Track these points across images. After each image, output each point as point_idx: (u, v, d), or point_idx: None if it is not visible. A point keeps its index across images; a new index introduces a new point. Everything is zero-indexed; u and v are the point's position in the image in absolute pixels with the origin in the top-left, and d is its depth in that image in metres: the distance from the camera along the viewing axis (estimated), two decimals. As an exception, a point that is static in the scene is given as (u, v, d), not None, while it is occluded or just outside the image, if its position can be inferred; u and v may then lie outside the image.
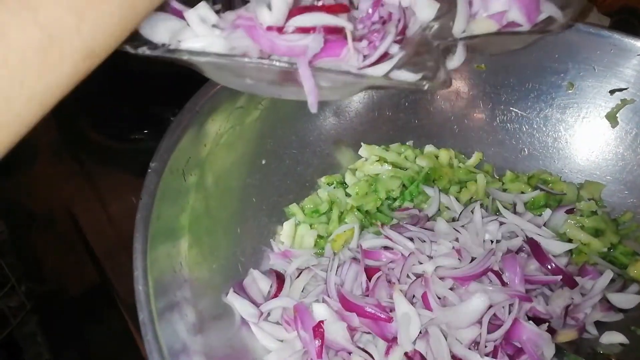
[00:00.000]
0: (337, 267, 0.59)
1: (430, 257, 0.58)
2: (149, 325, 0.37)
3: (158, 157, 0.48)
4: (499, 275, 0.56)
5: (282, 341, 0.55)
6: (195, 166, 0.55)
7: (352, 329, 0.53)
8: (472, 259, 0.58)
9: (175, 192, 0.50)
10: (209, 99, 0.56)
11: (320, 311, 0.53)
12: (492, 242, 0.60)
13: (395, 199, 0.73)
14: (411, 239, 0.60)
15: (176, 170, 0.50)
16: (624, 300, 0.62)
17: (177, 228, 0.50)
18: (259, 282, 0.60)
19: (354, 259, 0.60)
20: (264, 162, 0.68)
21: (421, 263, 0.57)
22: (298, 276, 0.61)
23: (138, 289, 0.39)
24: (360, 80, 0.38)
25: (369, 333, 0.54)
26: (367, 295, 0.56)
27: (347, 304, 0.53)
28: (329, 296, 0.56)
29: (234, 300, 0.56)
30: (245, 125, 0.63)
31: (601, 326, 0.60)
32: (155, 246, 0.44)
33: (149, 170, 0.47)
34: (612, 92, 0.73)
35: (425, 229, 0.64)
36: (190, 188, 0.53)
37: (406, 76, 0.39)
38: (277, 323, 0.57)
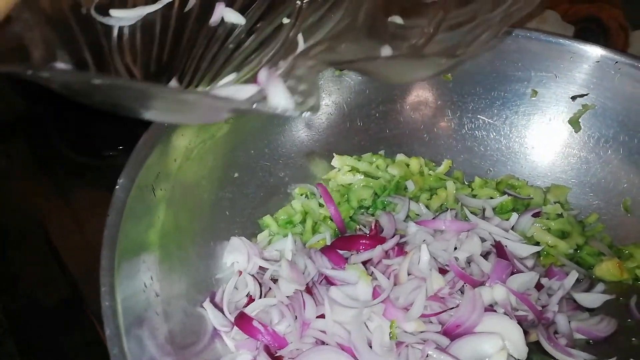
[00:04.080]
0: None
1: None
2: (116, 340, 0.38)
3: (125, 173, 0.48)
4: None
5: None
6: (165, 181, 0.55)
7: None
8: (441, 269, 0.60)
9: (145, 208, 0.51)
10: (177, 114, 0.57)
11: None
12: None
13: (367, 208, 0.74)
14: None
15: (145, 186, 0.51)
16: (590, 299, 0.64)
17: (147, 243, 0.50)
18: (232, 292, 0.60)
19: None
20: (236, 175, 0.68)
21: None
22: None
23: (105, 305, 0.39)
24: (226, 105, 0.37)
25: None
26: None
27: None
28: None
29: (208, 309, 0.57)
30: (216, 139, 0.64)
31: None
32: (124, 262, 0.44)
33: (116, 187, 0.47)
34: (573, 98, 0.75)
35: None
36: (160, 203, 0.54)
37: (277, 101, 0.37)
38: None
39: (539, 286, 0.61)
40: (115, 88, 0.35)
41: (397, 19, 0.52)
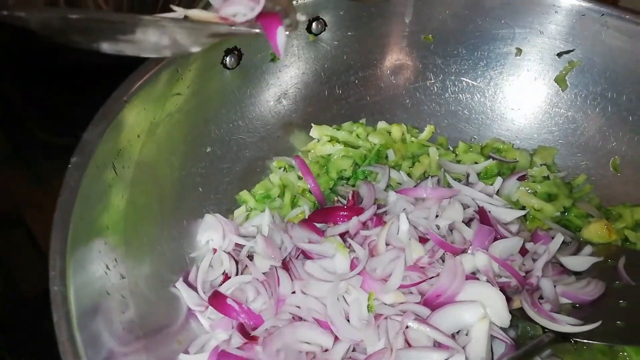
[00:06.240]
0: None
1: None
2: (64, 327, 0.36)
3: (79, 151, 0.46)
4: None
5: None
6: (128, 159, 0.53)
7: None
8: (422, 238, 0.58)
9: (104, 187, 0.48)
10: (138, 87, 0.54)
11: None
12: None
13: (348, 179, 0.72)
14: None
15: (103, 164, 0.48)
16: (577, 262, 0.62)
17: (108, 224, 0.48)
18: (207, 271, 0.58)
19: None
20: (208, 150, 0.66)
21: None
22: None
23: (53, 289, 0.37)
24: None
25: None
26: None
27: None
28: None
29: (182, 289, 0.55)
30: (184, 113, 0.61)
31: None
32: (79, 245, 0.42)
33: (69, 166, 0.45)
34: (559, 54, 0.72)
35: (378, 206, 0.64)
36: (122, 182, 0.51)
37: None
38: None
39: (523, 251, 0.59)
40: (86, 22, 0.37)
41: None
